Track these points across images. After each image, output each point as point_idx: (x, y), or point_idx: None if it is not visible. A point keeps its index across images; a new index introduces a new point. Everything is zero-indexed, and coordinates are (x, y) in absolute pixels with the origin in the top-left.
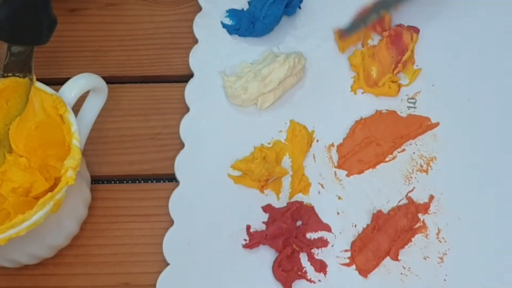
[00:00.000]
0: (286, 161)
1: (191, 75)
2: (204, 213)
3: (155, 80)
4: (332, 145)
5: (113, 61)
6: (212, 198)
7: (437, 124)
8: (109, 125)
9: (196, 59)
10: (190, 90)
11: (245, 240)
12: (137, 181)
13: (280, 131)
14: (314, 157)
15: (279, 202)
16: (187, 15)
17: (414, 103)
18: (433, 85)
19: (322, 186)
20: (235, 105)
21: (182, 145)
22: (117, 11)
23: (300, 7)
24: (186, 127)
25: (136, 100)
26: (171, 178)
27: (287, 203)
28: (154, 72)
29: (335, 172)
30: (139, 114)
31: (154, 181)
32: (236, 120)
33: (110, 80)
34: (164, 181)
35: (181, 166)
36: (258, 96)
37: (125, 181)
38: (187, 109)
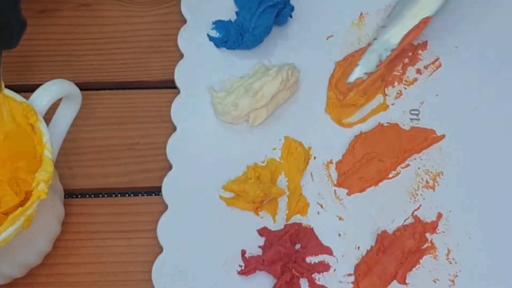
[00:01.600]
0: (282, 181)
1: (171, 81)
2: (196, 238)
3: (132, 86)
4: (331, 162)
5: (87, 66)
6: (203, 222)
7: (442, 137)
8: (83, 134)
9: (182, 75)
10: (177, 108)
11: (240, 266)
12: (114, 195)
13: (275, 149)
14: (311, 176)
15: (275, 225)
16: (166, 16)
17: (418, 114)
18: (437, 95)
19: (321, 206)
20: (225, 122)
21: (162, 157)
22: (91, 12)
23: (291, 16)
24: (174, 147)
25: (112, 108)
26: (150, 192)
27: (285, 226)
28: (131, 78)
29: (334, 191)
30: (115, 123)
31: (132, 195)
32: (226, 138)
33: (84, 87)
34: (142, 195)
35: (169, 189)
36: (249, 112)
37: (100, 195)
38: (173, 129)
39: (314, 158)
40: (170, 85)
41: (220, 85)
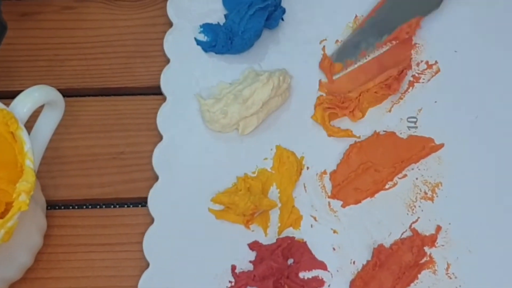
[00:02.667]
0: (274, 192)
1: (158, 87)
2: (183, 253)
3: (117, 93)
4: (325, 172)
5: (71, 72)
6: (191, 236)
7: (441, 146)
8: (66, 143)
9: (168, 81)
10: (163, 116)
11: (230, 282)
12: (98, 206)
13: (266, 159)
14: (304, 187)
15: (267, 239)
16: (153, 19)
17: (415, 122)
18: (435, 102)
19: (315, 219)
20: (213, 131)
21: (149, 166)
22: (74, 15)
23: (283, 19)
24: (160, 157)
25: (96, 115)
26: (136, 203)
27: (277, 239)
28: (116, 84)
29: (329, 203)
30: (99, 131)
31: (117, 206)
32: (215, 147)
33: (67, 93)
34: (128, 206)
35: (156, 201)
36: (239, 120)
37: (84, 206)
38: (160, 137)
39: (307, 168)
40: (157, 92)
41: (208, 91)
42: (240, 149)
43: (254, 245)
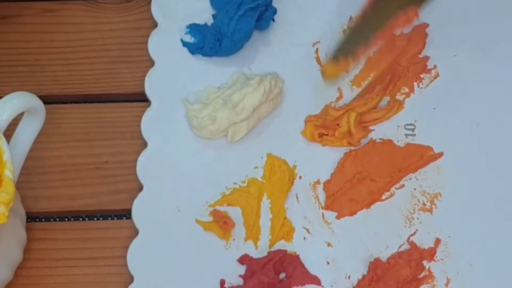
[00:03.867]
0: (265, 203)
1: (143, 93)
2: (170, 266)
3: (101, 100)
4: (318, 182)
5: (52, 78)
6: (178, 248)
7: (440, 155)
8: (47, 152)
9: (152, 85)
10: (148, 122)
11: None
12: (81, 219)
13: (256, 167)
14: (297, 197)
15: (257, 252)
16: (138, 22)
17: (413, 130)
18: (434, 108)
19: (307, 231)
20: (201, 138)
21: (134, 176)
22: (56, 18)
23: (274, 20)
24: (144, 166)
25: (78, 123)
26: (120, 215)
27: (268, 253)
28: (99, 90)
29: (322, 214)
30: (82, 140)
31: (101, 218)
32: (203, 155)
33: (48, 100)
34: (112, 218)
35: (140, 212)
36: (228, 126)
37: (66, 219)
38: (144, 144)
39: (300, 177)
40: (142, 98)
41: (196, 96)
42: (229, 157)
43: (244, 259)
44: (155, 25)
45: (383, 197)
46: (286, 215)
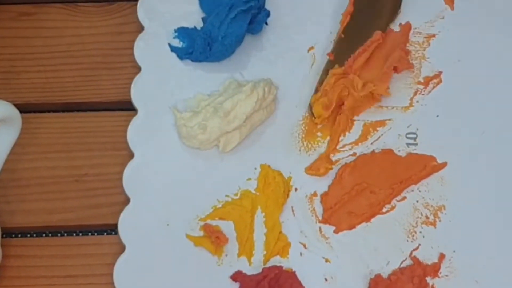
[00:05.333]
0: (259, 216)
1: (127, 101)
2: (159, 284)
3: (81, 108)
4: (315, 194)
5: (29, 85)
6: (167, 265)
7: (444, 165)
8: (23, 164)
9: (139, 92)
10: (134, 131)
11: None
12: (59, 234)
13: (249, 179)
14: (293, 210)
15: (251, 268)
16: (120, 27)
17: (415, 139)
18: (437, 116)
19: (304, 246)
20: (191, 148)
21: (117, 189)
22: (33, 22)
23: (267, 23)
24: (131, 178)
25: (57, 133)
26: (102, 230)
27: (262, 269)
28: (80, 99)
29: (320, 228)
30: (61, 151)
31: (81, 234)
32: (193, 166)
33: (24, 109)
34: (93, 234)
35: (127, 226)
36: (219, 136)
37: (44, 234)
38: (130, 155)
39: (296, 189)
40: (125, 107)
41: (185, 104)
42: (220, 169)
43: (237, 276)
44: (140, 29)
45: (384, 210)
46: (281, 229)
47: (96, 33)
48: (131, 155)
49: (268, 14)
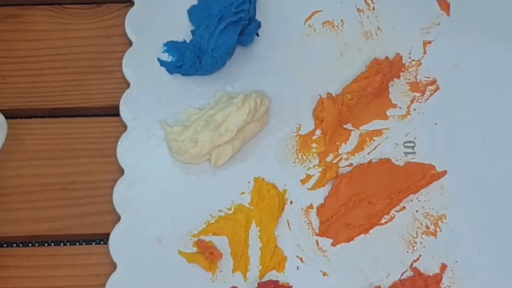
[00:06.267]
0: (253, 231)
1: (115, 107)
2: None
3: (68, 114)
4: (311, 207)
5: (14, 90)
6: (160, 283)
7: (444, 173)
8: (9, 171)
9: (128, 108)
10: (124, 147)
11: None
12: (46, 244)
13: (243, 193)
14: (288, 224)
15: (247, 284)
16: (109, 30)
17: (413, 147)
18: (435, 124)
19: (301, 260)
20: (182, 162)
21: (105, 198)
22: (18, 25)
23: (258, 35)
24: (122, 195)
25: (44, 140)
26: (90, 240)
27: (258, 284)
28: (67, 104)
29: (316, 241)
30: (48, 158)
31: (68, 244)
32: (184, 182)
33: (10, 114)
34: (81, 244)
35: (118, 244)
36: (211, 149)
37: (30, 244)
38: (121, 171)
39: (291, 202)
40: (114, 112)
41: (175, 118)
42: (213, 183)
43: None
44: (127, 34)
45: (383, 220)
46: (277, 243)
47: (84, 36)
48: (120, 168)
49: (259, 25)
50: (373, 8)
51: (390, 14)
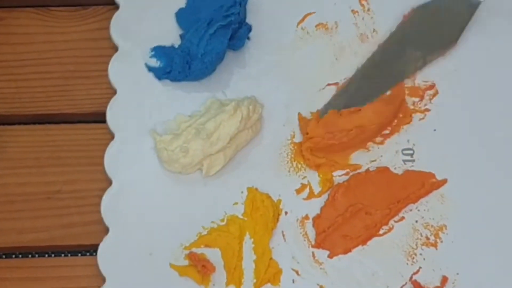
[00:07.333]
0: (247, 243)
1: (102, 114)
2: None
3: (53, 120)
4: (307, 217)
5: None
6: None
7: (444, 182)
8: None
9: (115, 116)
10: (112, 157)
11: None
12: (30, 255)
13: (236, 204)
14: (283, 235)
15: None
16: (95, 33)
17: (412, 155)
18: (434, 130)
19: (297, 272)
20: (173, 172)
21: (91, 208)
22: (1, 28)
23: (249, 38)
24: (110, 206)
25: (28, 147)
26: (76, 251)
27: None
28: (52, 110)
29: (313, 253)
30: (32, 166)
31: (53, 255)
32: (175, 192)
33: None
34: (66, 255)
35: (106, 258)
36: (203, 159)
37: (14, 255)
38: (109, 182)
39: (286, 213)
40: (100, 119)
41: (165, 126)
42: (205, 193)
43: None
44: (115, 46)
45: (381, 231)
46: (272, 255)
47: (69, 40)
48: (109, 179)
49: (249, 28)
50: (368, 9)
51: (386, 15)
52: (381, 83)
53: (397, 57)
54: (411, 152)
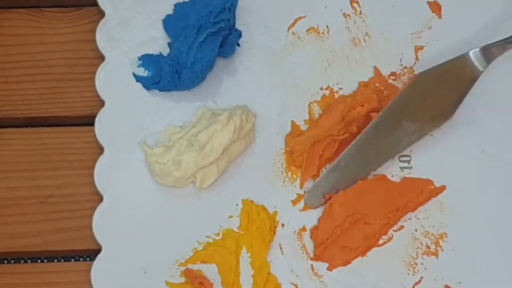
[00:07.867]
0: (244, 257)
1: (95, 117)
2: None
3: (46, 123)
4: (304, 229)
5: None
6: None
7: (442, 188)
8: None
9: (104, 129)
10: (102, 172)
11: None
12: (23, 261)
13: (231, 217)
14: (281, 248)
15: None
16: (89, 34)
17: (409, 161)
18: (431, 135)
19: (296, 286)
20: (165, 186)
21: (84, 212)
22: None
23: (239, 45)
24: (101, 223)
25: (20, 150)
26: (69, 256)
27: None
28: (45, 112)
29: (311, 266)
30: (24, 170)
31: (46, 261)
32: (168, 207)
33: None
34: (59, 261)
35: (100, 277)
36: (196, 171)
37: (6, 261)
38: (99, 198)
39: (283, 225)
40: (93, 122)
41: (155, 138)
42: (199, 207)
43: None
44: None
45: (380, 241)
46: (269, 269)
47: (62, 41)
48: (100, 195)
49: (240, 34)
50: (360, 12)
51: (378, 18)
52: (373, 160)
53: (392, 131)
54: (408, 158)
